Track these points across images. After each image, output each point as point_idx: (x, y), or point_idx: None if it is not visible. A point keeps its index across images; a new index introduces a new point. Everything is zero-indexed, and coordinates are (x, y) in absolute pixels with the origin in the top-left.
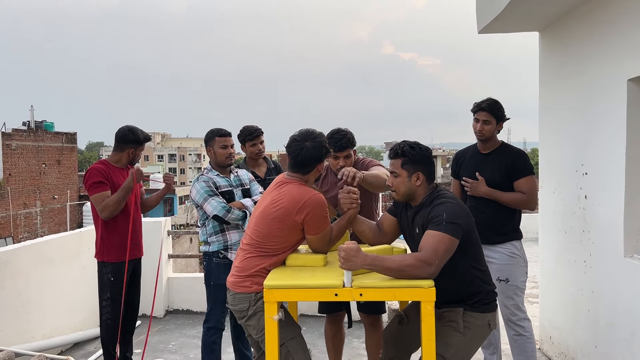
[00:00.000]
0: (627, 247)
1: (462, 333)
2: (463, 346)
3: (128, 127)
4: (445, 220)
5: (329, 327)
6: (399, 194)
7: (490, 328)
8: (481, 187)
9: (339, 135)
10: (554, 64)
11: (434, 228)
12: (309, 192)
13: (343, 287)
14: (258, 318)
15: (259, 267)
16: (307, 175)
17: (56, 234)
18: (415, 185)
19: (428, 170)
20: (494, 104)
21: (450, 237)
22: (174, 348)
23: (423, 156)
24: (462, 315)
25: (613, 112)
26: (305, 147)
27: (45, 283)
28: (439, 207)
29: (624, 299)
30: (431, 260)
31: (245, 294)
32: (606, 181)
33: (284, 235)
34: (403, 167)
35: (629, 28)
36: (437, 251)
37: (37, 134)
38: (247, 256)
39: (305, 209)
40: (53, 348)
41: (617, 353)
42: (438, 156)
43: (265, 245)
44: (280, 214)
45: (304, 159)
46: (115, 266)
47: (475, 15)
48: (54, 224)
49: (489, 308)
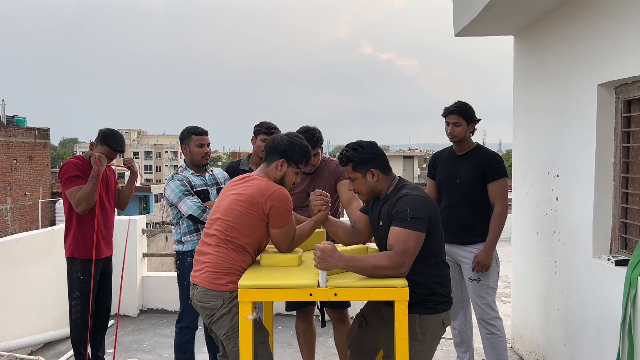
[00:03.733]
0: (596, 248)
1: (420, 341)
2: (423, 353)
3: (111, 131)
4: (410, 215)
5: (299, 324)
6: (363, 194)
7: (444, 326)
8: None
9: (308, 134)
10: (528, 68)
11: (399, 225)
12: (276, 186)
13: (318, 287)
14: (231, 318)
15: (234, 264)
16: (269, 169)
17: (27, 231)
18: (373, 182)
19: (380, 164)
20: (462, 106)
21: (417, 232)
22: (147, 348)
23: (368, 154)
24: (418, 323)
25: (584, 116)
26: (277, 137)
27: (15, 282)
28: (402, 202)
29: (592, 298)
30: (402, 261)
31: (219, 292)
32: (577, 183)
33: (250, 226)
34: (355, 171)
35: (599, 34)
36: (406, 251)
37: (9, 129)
38: (220, 250)
39: (271, 199)
40: (23, 348)
41: (585, 351)
42: (415, 156)
43: (236, 237)
44: (248, 204)
45: (270, 146)
46: (85, 263)
47: (452, 18)
48: (25, 221)
49: (443, 307)
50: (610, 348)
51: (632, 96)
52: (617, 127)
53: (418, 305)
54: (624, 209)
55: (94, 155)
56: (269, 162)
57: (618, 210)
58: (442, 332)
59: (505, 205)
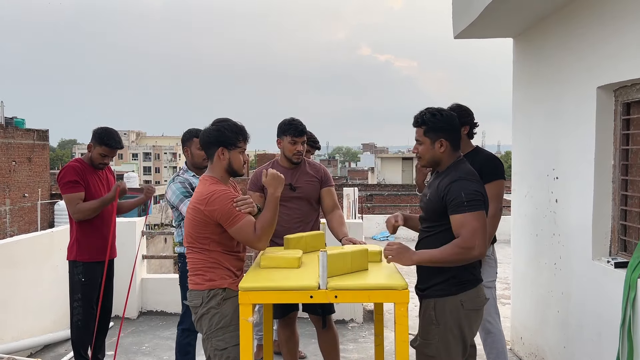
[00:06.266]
0: (595, 250)
1: (436, 324)
2: (443, 335)
3: (106, 129)
4: (465, 199)
5: (281, 331)
6: (423, 160)
7: (464, 308)
8: None
9: (297, 120)
10: (527, 70)
11: (458, 211)
12: (214, 189)
13: (318, 289)
14: (210, 317)
15: (205, 263)
16: (213, 165)
17: (26, 233)
18: (439, 152)
19: (452, 138)
20: (457, 108)
21: (477, 212)
22: (147, 350)
23: (445, 123)
24: (433, 307)
25: (583, 118)
26: (205, 131)
27: (14, 284)
28: (455, 187)
29: (592, 300)
30: (470, 244)
31: (198, 291)
32: (576, 186)
33: (200, 229)
34: (425, 135)
35: (599, 37)
36: (473, 232)
37: (7, 131)
38: (190, 255)
39: (210, 205)
40: (22, 350)
41: (585, 353)
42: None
43: (191, 243)
44: (193, 210)
45: (203, 143)
46: (87, 266)
47: (452, 20)
48: (24, 223)
49: (460, 289)
50: (609, 350)
51: (631, 99)
52: (617, 129)
53: (430, 290)
54: (623, 211)
55: (117, 185)
56: (210, 158)
57: (617, 212)
58: (461, 315)
59: (499, 207)
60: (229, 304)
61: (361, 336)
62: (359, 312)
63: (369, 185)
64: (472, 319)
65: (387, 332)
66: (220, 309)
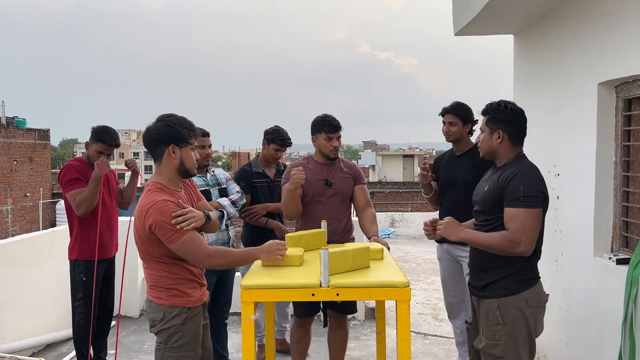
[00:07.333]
0: (597, 246)
1: (503, 324)
2: (511, 335)
3: (103, 127)
4: (523, 194)
5: (296, 331)
6: (482, 149)
7: (529, 305)
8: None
9: (331, 116)
10: (528, 67)
11: (513, 205)
12: (153, 199)
13: (320, 287)
14: (170, 333)
15: (163, 280)
16: (162, 167)
17: (28, 233)
18: (496, 143)
19: (511, 131)
20: (459, 106)
21: (531, 209)
22: (149, 349)
23: (507, 115)
24: (497, 307)
25: (584, 115)
26: (150, 129)
27: (16, 283)
28: (515, 180)
29: (594, 297)
30: (517, 239)
31: (161, 305)
32: (577, 182)
33: (149, 246)
34: (487, 124)
35: (599, 33)
36: (522, 228)
37: (9, 131)
38: (145, 267)
39: (147, 219)
40: (25, 349)
41: (587, 350)
42: (415, 155)
43: (149, 255)
44: (136, 225)
45: (149, 142)
46: (88, 265)
47: (452, 17)
48: (25, 222)
49: (522, 287)
50: (611, 346)
51: (632, 95)
52: (618, 125)
53: (491, 289)
54: (625, 207)
55: (98, 161)
56: (158, 158)
57: (619, 208)
58: (527, 312)
59: None
60: (192, 323)
61: (363, 334)
62: (360, 309)
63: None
64: (538, 317)
65: (389, 329)
66: (182, 329)
